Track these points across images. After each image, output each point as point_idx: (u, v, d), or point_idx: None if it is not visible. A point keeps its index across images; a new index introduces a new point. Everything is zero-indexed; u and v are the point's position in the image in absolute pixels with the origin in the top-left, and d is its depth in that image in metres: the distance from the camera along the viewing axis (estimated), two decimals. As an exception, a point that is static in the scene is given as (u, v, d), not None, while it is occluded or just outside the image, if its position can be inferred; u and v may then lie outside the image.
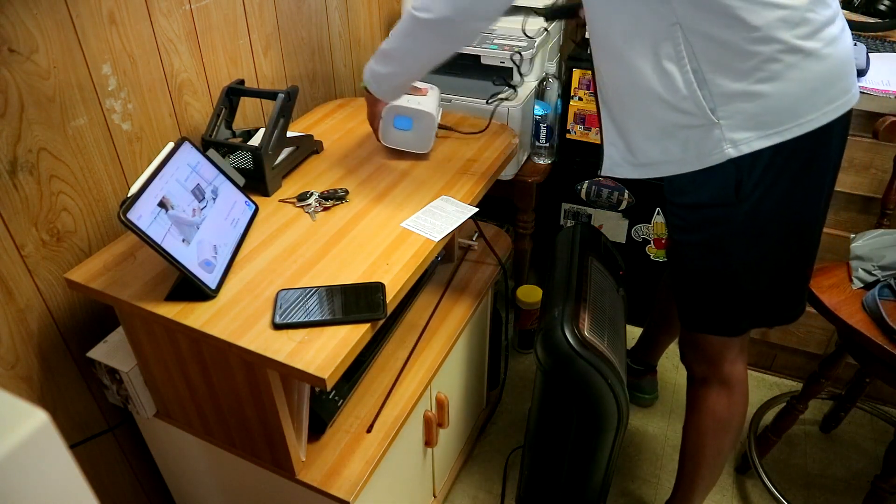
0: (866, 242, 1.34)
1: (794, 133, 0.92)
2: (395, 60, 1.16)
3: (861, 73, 1.40)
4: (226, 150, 1.20)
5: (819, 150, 0.98)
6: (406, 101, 1.26)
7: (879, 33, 1.68)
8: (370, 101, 1.28)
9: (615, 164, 1.09)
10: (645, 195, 1.79)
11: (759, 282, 1.09)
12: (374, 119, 1.30)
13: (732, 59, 0.90)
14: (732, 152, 0.94)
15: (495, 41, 1.61)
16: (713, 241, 1.06)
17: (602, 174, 1.14)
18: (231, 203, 1.05)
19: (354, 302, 0.92)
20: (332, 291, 0.94)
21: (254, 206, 1.12)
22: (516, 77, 1.59)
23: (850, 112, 0.97)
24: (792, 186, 0.99)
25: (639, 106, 1.00)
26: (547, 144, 1.76)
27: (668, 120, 0.97)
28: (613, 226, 1.87)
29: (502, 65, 1.62)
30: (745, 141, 0.93)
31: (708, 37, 0.89)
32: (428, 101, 1.29)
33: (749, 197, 0.99)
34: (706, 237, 1.06)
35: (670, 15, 0.90)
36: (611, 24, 0.97)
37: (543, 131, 1.73)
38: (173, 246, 0.87)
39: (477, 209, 1.15)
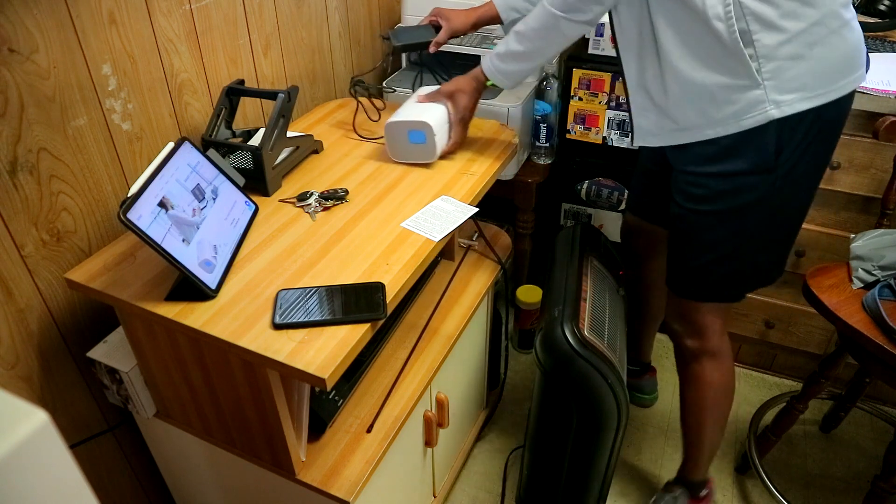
0: (866, 242, 1.34)
1: (832, 96, 0.97)
2: (530, 58, 1.19)
3: (861, 73, 1.40)
4: (226, 149, 1.20)
5: (841, 118, 1.03)
6: (417, 114, 1.25)
7: (879, 33, 1.68)
8: (475, 94, 1.28)
9: (648, 132, 1.12)
10: (645, 195, 1.79)
11: (769, 249, 1.13)
12: (469, 113, 1.31)
13: (782, 19, 0.93)
14: (776, 113, 0.96)
15: (495, 41, 1.61)
16: (735, 210, 1.08)
17: (634, 145, 1.16)
18: (231, 203, 1.05)
19: (354, 302, 0.92)
20: (332, 291, 0.94)
21: (254, 206, 1.12)
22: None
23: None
24: (819, 153, 1.04)
25: (679, 67, 1.02)
26: (547, 144, 1.76)
27: (709, 80, 0.99)
28: (613, 226, 1.87)
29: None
30: (788, 102, 0.96)
31: None
32: (435, 112, 1.28)
33: (786, 163, 1.01)
34: (733, 205, 1.07)
35: None
36: None
37: (543, 131, 1.73)
38: (173, 246, 0.87)
39: (477, 209, 1.15)
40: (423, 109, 1.28)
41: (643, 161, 1.42)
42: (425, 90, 1.36)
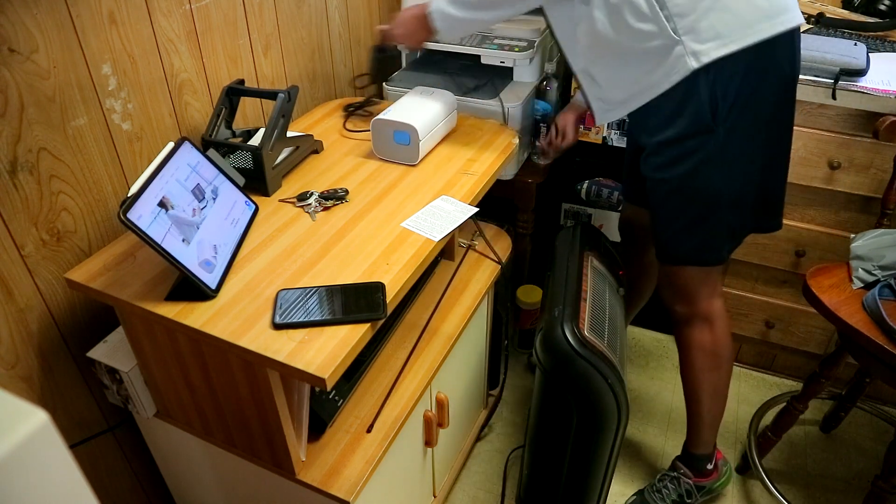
0: (866, 242, 1.34)
1: (749, 41, 1.01)
2: (477, 7, 1.19)
3: (861, 72, 1.40)
4: (226, 149, 1.20)
5: (774, 66, 1.07)
6: (405, 115, 1.26)
7: (879, 33, 1.68)
8: (421, 29, 1.27)
9: (605, 110, 1.20)
10: (645, 195, 1.79)
11: (735, 207, 1.17)
12: (412, 39, 1.32)
13: None
14: (694, 63, 1.02)
15: (495, 41, 1.61)
16: (694, 171, 1.13)
17: (598, 124, 1.27)
18: (231, 203, 1.05)
19: (354, 302, 0.92)
20: (332, 291, 0.94)
21: (254, 206, 1.12)
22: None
23: (794, 37, 1.08)
24: (758, 106, 1.08)
25: (608, 42, 1.09)
26: (547, 144, 1.76)
27: (634, 47, 1.06)
28: (613, 226, 1.87)
29: (503, 64, 1.62)
30: (705, 52, 1.02)
31: None
32: (425, 115, 1.29)
33: (724, 121, 1.07)
34: (687, 168, 1.13)
35: None
36: None
37: (543, 131, 1.73)
38: (173, 246, 0.87)
39: (477, 209, 1.15)
40: (413, 110, 1.28)
41: (628, 148, 1.47)
42: (422, 90, 1.36)
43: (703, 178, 1.13)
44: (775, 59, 1.06)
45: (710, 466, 1.49)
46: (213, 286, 0.93)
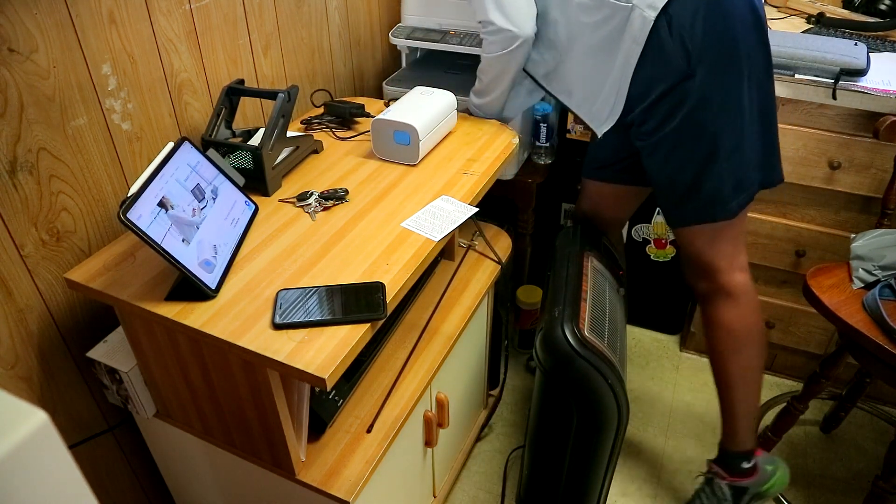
0: (866, 242, 1.34)
1: None
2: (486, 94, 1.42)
3: (861, 72, 1.40)
4: (226, 149, 1.20)
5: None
6: (405, 115, 1.26)
7: (879, 33, 1.68)
8: None
9: (602, 121, 1.23)
10: (645, 195, 1.79)
11: (736, 152, 1.15)
12: None
13: None
14: (652, 13, 1.07)
15: (495, 41, 1.61)
16: (685, 120, 1.13)
17: (600, 134, 1.25)
18: (231, 203, 1.05)
19: (354, 302, 0.92)
20: (331, 291, 0.94)
21: (254, 206, 1.12)
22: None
23: None
24: (725, 47, 1.08)
25: (578, 49, 1.18)
26: (547, 144, 1.76)
27: (600, 38, 1.14)
28: (613, 226, 1.87)
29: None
30: None
31: None
32: (424, 114, 1.28)
33: (700, 62, 1.07)
34: (679, 119, 1.13)
35: None
36: None
37: (543, 131, 1.73)
38: (173, 246, 0.87)
39: (477, 209, 1.15)
40: (413, 110, 1.28)
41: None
42: (422, 90, 1.36)
43: (695, 124, 1.12)
44: None
45: (746, 465, 1.34)
46: (213, 286, 0.93)
